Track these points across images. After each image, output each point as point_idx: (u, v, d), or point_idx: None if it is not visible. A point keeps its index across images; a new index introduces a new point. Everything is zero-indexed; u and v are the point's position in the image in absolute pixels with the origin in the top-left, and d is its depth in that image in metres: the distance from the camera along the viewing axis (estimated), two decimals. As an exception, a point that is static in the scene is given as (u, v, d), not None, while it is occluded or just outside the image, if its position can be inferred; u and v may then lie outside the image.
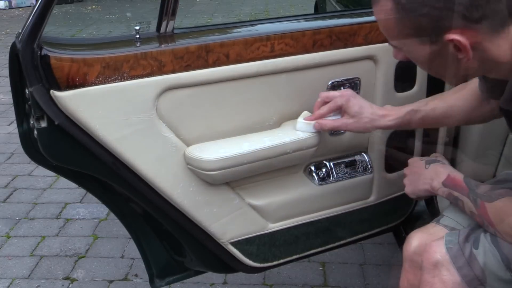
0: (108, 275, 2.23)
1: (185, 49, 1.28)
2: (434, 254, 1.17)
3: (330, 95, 1.35)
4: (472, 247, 1.15)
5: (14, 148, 3.42)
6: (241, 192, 1.46)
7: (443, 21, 0.90)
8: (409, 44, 0.99)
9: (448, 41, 0.92)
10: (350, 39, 1.44)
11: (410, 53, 1.02)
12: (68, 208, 2.75)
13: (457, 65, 0.97)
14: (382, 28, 1.02)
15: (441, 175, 1.28)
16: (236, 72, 1.34)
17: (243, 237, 1.49)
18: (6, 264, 2.31)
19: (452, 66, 0.99)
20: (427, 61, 1.01)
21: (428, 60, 1.00)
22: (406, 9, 0.92)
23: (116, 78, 1.22)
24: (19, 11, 8.79)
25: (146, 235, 1.57)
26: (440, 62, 0.99)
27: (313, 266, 2.24)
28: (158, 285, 1.62)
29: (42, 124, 1.22)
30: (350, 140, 1.56)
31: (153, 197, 1.35)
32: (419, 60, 1.03)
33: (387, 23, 0.98)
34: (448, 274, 1.15)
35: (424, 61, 1.02)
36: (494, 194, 1.15)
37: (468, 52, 0.93)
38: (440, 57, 0.97)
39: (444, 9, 0.89)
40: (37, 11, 1.14)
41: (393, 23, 0.96)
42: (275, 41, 1.36)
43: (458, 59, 0.95)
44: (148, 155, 1.30)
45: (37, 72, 1.17)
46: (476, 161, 1.73)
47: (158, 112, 1.29)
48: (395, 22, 0.96)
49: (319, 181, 1.54)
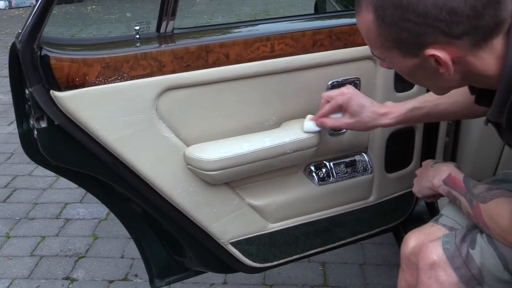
0: (108, 275, 2.23)
1: (185, 49, 1.28)
2: (430, 254, 1.18)
3: (331, 94, 1.35)
4: (469, 247, 1.16)
5: (14, 148, 3.42)
6: (241, 192, 1.46)
7: (423, 36, 0.89)
8: (391, 56, 0.98)
9: (428, 56, 0.91)
10: (350, 39, 1.44)
11: (393, 64, 1.01)
12: (68, 208, 2.75)
13: (440, 77, 0.96)
14: (365, 39, 1.01)
15: (442, 173, 1.29)
16: (236, 72, 1.34)
17: (243, 237, 1.49)
18: (6, 264, 2.31)
19: (434, 79, 0.99)
20: (410, 73, 1.00)
21: (411, 72, 0.99)
22: (386, 23, 0.91)
23: (116, 78, 1.22)
24: (19, 11, 8.79)
25: (146, 235, 1.57)
26: (422, 75, 0.99)
27: (313, 266, 2.24)
28: (158, 285, 1.62)
29: (42, 124, 1.22)
30: (350, 140, 1.56)
31: (153, 197, 1.35)
32: (403, 72, 1.02)
33: (369, 34, 0.97)
34: (445, 275, 1.15)
35: (407, 73, 1.01)
36: (489, 195, 1.15)
37: (449, 67, 0.92)
38: (422, 70, 0.97)
39: (423, 24, 0.88)
40: (37, 11, 1.14)
41: (374, 35, 0.96)
42: (275, 41, 1.36)
43: (440, 72, 0.94)
44: (148, 155, 1.30)
45: (37, 72, 1.17)
46: (476, 161, 1.73)
47: (158, 112, 1.29)
48: (376, 34, 0.95)
49: (319, 181, 1.54)
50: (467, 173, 1.28)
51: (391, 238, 1.91)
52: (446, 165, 1.32)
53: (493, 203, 1.12)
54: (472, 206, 1.18)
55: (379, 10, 0.91)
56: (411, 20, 0.88)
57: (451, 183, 1.26)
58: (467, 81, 1.01)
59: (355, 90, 1.34)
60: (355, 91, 1.33)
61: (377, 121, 1.32)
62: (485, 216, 1.14)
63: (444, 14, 0.86)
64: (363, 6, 0.96)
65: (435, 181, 1.31)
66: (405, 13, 0.88)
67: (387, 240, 2.33)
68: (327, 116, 1.35)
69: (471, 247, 1.16)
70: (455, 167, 1.30)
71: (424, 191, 1.36)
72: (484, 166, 1.72)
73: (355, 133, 1.55)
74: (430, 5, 0.86)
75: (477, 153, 1.71)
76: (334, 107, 1.33)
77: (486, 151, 1.70)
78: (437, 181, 1.30)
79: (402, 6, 0.88)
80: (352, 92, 1.33)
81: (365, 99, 1.33)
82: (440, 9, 0.86)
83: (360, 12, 0.97)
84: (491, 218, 1.12)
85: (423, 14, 0.87)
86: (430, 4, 0.86)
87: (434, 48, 0.90)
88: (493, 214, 1.11)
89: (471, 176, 1.27)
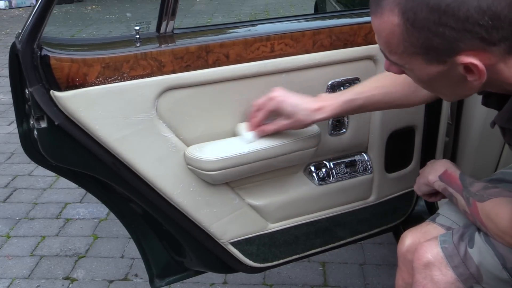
0: (108, 275, 2.24)
1: (185, 49, 1.28)
2: (425, 254, 1.18)
3: (261, 102, 1.30)
4: (467, 246, 1.16)
5: (14, 148, 3.42)
6: (241, 192, 1.46)
7: (458, 42, 0.83)
8: (413, 62, 0.92)
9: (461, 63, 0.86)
10: (350, 39, 1.44)
11: (412, 71, 0.95)
12: (68, 208, 2.75)
13: (463, 85, 0.92)
14: (383, 43, 0.93)
15: (438, 169, 1.30)
16: (236, 73, 1.34)
17: (243, 237, 1.49)
18: (6, 264, 2.32)
19: (456, 87, 0.94)
20: (430, 80, 0.94)
21: (431, 80, 0.94)
22: (416, 27, 0.84)
23: (116, 78, 1.22)
24: (19, 11, 8.79)
25: (146, 235, 1.57)
26: (444, 83, 0.94)
27: (313, 266, 2.24)
28: (158, 285, 1.62)
29: (42, 124, 1.22)
30: (350, 140, 1.56)
31: (153, 197, 1.35)
32: (421, 79, 0.96)
33: (390, 38, 0.90)
34: (440, 274, 1.16)
35: (426, 81, 0.95)
36: (486, 194, 1.15)
37: (483, 76, 0.86)
38: (446, 78, 0.92)
39: (462, 30, 0.82)
40: (37, 11, 1.14)
41: (397, 40, 0.88)
42: (275, 41, 1.36)
43: (466, 80, 0.89)
44: (148, 155, 1.30)
45: (37, 72, 1.17)
46: (476, 161, 1.73)
47: (158, 112, 1.29)
48: (400, 38, 0.88)
49: (319, 181, 1.54)
50: (468, 172, 1.28)
51: (391, 238, 1.91)
52: (442, 162, 1.32)
53: (491, 202, 1.12)
54: (469, 204, 1.18)
55: (409, 13, 0.85)
56: (448, 25, 0.82)
57: (447, 179, 1.27)
58: (485, 88, 0.96)
59: (283, 91, 1.30)
60: (284, 93, 1.29)
61: (312, 117, 1.28)
62: (482, 215, 1.14)
63: (486, 19, 0.81)
64: (385, 7, 0.88)
65: (430, 177, 1.32)
66: (442, 16, 0.82)
67: (387, 240, 2.33)
68: (262, 124, 1.32)
69: (469, 246, 1.16)
70: (451, 164, 1.30)
71: (422, 188, 1.37)
72: (484, 166, 1.72)
73: (355, 133, 1.55)
74: (473, 9, 0.80)
75: (477, 153, 1.71)
76: (267, 115, 1.30)
77: (486, 151, 1.70)
78: (432, 177, 1.31)
79: (440, 9, 0.82)
80: (281, 94, 1.29)
81: (296, 97, 1.29)
82: (483, 13, 0.81)
83: (381, 14, 0.89)
84: (489, 218, 1.12)
85: (463, 18, 0.81)
86: (472, 8, 0.80)
87: (467, 55, 0.85)
88: (491, 214, 1.11)
89: (471, 176, 1.27)
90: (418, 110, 1.59)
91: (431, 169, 1.33)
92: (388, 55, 0.95)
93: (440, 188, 1.30)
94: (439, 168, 1.30)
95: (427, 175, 1.34)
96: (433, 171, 1.32)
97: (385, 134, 1.58)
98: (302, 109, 1.28)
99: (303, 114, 1.28)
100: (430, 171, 1.33)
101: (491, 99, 1.04)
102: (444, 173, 1.28)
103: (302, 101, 1.29)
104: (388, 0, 0.87)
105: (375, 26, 0.93)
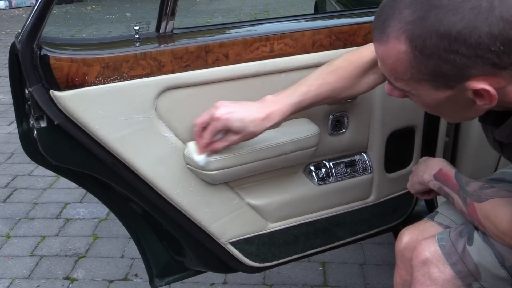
0: (108, 275, 2.24)
1: (184, 49, 1.28)
2: (423, 252, 1.18)
3: (205, 121, 1.24)
4: (466, 244, 1.16)
5: (14, 148, 3.43)
6: (241, 192, 1.46)
7: (469, 69, 0.83)
8: (419, 89, 0.90)
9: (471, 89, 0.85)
10: (349, 39, 1.44)
11: (418, 96, 0.93)
12: (68, 208, 2.75)
13: (470, 108, 0.91)
14: (388, 70, 0.92)
15: (433, 167, 1.30)
16: (236, 72, 1.34)
17: (242, 237, 1.49)
18: (6, 264, 2.32)
19: (462, 110, 0.93)
20: (437, 105, 0.93)
21: (438, 105, 0.93)
22: (425, 54, 0.83)
23: (115, 78, 1.22)
24: (19, 11, 8.80)
25: (146, 235, 1.57)
26: (451, 106, 0.93)
27: (313, 266, 2.24)
28: (158, 285, 1.62)
29: (42, 124, 1.22)
30: (350, 140, 1.56)
31: (152, 197, 1.35)
32: (427, 104, 0.95)
33: (396, 66, 0.88)
34: (438, 272, 1.16)
35: (432, 105, 0.94)
36: (484, 194, 1.14)
37: (494, 100, 0.86)
38: (453, 102, 0.91)
39: (473, 56, 0.81)
40: (37, 11, 1.14)
41: (404, 67, 0.87)
42: (275, 41, 1.36)
43: (475, 104, 0.89)
44: (148, 155, 1.30)
45: (37, 72, 1.17)
46: (476, 161, 1.73)
47: (158, 112, 1.29)
48: (407, 66, 0.87)
49: (318, 181, 1.54)
50: (468, 172, 1.28)
51: (391, 238, 1.90)
52: (436, 160, 1.32)
53: (489, 203, 1.12)
54: (466, 205, 1.18)
55: (417, 40, 0.83)
56: (460, 52, 0.81)
57: (442, 178, 1.26)
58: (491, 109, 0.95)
59: (226, 107, 1.22)
60: (227, 109, 1.21)
61: (262, 126, 1.24)
62: (481, 216, 1.14)
63: (498, 45, 0.80)
64: (391, 34, 0.86)
65: (425, 176, 1.31)
66: (453, 43, 0.81)
67: (387, 240, 2.33)
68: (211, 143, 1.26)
69: (469, 243, 1.16)
70: (445, 162, 1.29)
71: (415, 186, 1.37)
72: (484, 166, 1.72)
73: (355, 133, 1.55)
74: (484, 35, 0.80)
75: (477, 153, 1.71)
76: (214, 135, 1.24)
77: (486, 151, 1.69)
78: (427, 176, 1.30)
79: (451, 36, 0.81)
80: (225, 111, 1.21)
81: (241, 109, 1.22)
82: (495, 39, 0.80)
83: (386, 41, 0.87)
84: (487, 219, 1.12)
85: (475, 45, 0.80)
86: (484, 34, 0.80)
87: (478, 80, 0.84)
88: (490, 215, 1.11)
89: (471, 176, 1.27)
90: (418, 110, 1.59)
91: (426, 168, 1.32)
92: (394, 81, 0.94)
93: (435, 187, 1.29)
94: (433, 167, 1.29)
95: (421, 174, 1.32)
96: (428, 169, 1.31)
97: (385, 134, 1.58)
98: (250, 121, 1.22)
99: (253, 125, 1.22)
100: (425, 170, 1.32)
101: (489, 116, 1.03)
102: (439, 172, 1.27)
103: (248, 112, 1.22)
104: (394, 27, 0.86)
105: (379, 53, 0.91)
